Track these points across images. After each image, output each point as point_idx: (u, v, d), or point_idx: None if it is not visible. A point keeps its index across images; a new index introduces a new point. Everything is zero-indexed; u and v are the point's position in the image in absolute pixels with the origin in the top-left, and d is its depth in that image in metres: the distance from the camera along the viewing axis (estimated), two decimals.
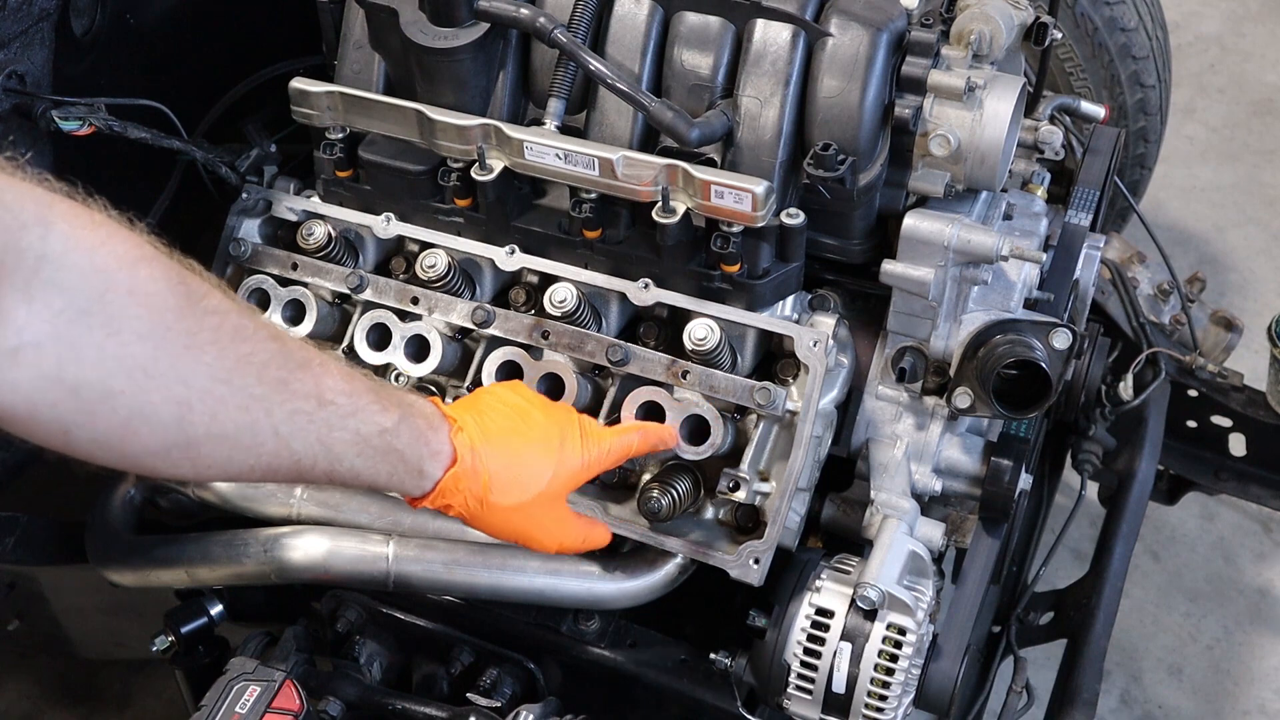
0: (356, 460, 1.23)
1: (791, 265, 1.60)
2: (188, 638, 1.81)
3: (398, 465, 1.27)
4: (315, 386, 1.18)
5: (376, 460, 1.25)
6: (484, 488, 1.34)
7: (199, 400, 1.09)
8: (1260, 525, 3.07)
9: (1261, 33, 4.43)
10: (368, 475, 1.25)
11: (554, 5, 1.60)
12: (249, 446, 1.14)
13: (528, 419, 1.39)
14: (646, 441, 1.49)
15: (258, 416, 1.13)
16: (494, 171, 1.58)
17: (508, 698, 1.71)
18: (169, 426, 1.08)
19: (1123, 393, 2.16)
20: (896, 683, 1.50)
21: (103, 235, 1.04)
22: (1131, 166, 2.88)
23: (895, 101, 1.57)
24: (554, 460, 1.39)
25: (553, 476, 1.38)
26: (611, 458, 1.45)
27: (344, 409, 1.20)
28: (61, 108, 1.62)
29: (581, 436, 1.41)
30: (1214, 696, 2.78)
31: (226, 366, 1.10)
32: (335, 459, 1.21)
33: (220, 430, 1.11)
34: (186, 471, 1.14)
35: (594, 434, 1.43)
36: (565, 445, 1.40)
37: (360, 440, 1.22)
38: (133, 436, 1.08)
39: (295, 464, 1.19)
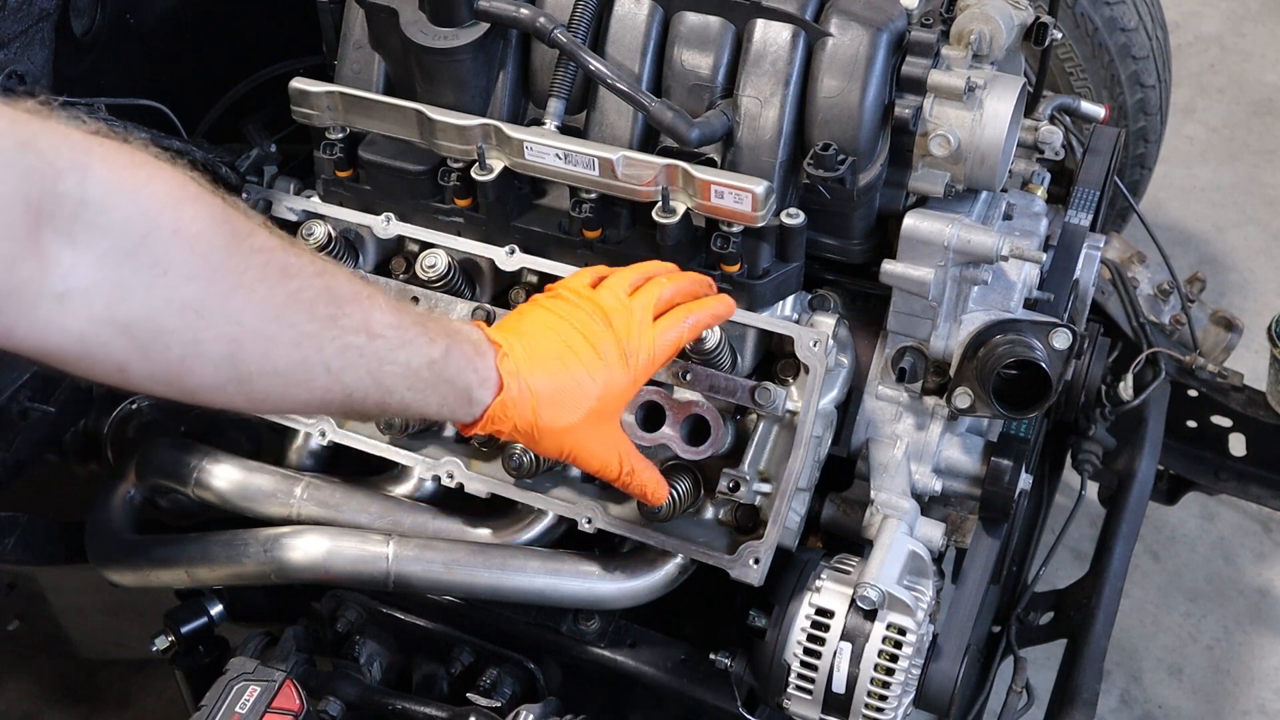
0: (407, 393, 1.23)
1: (791, 265, 1.60)
2: (188, 638, 1.81)
3: (447, 395, 1.27)
4: (364, 320, 1.18)
5: (427, 391, 1.25)
6: (533, 412, 1.32)
7: (250, 338, 1.10)
8: (1260, 525, 3.07)
9: (1261, 33, 4.43)
10: (417, 406, 1.25)
11: (554, 5, 1.60)
12: (302, 382, 1.15)
13: (572, 340, 1.37)
14: (697, 329, 1.46)
15: (309, 353, 1.14)
16: (494, 171, 1.58)
17: (508, 698, 1.71)
18: (222, 364, 1.09)
19: (1123, 393, 2.16)
20: (896, 683, 1.50)
21: (144, 176, 1.04)
22: (1131, 166, 2.88)
23: (895, 101, 1.57)
24: (602, 379, 1.36)
25: (601, 395, 1.36)
26: (661, 359, 1.42)
27: (393, 341, 1.20)
28: (61, 108, 1.62)
29: (624, 348, 1.38)
30: (1214, 696, 2.78)
31: (276, 304, 1.11)
32: (386, 391, 1.21)
33: (273, 367, 1.12)
34: (242, 405, 1.15)
35: (637, 346, 1.39)
36: (611, 363, 1.37)
37: (410, 373, 1.22)
38: (188, 373, 1.08)
39: (347, 398, 1.19)
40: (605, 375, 1.36)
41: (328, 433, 1.70)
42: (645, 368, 1.40)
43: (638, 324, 1.40)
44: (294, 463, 1.80)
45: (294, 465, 1.79)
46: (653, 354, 1.41)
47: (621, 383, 1.38)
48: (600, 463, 1.42)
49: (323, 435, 1.71)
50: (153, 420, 1.94)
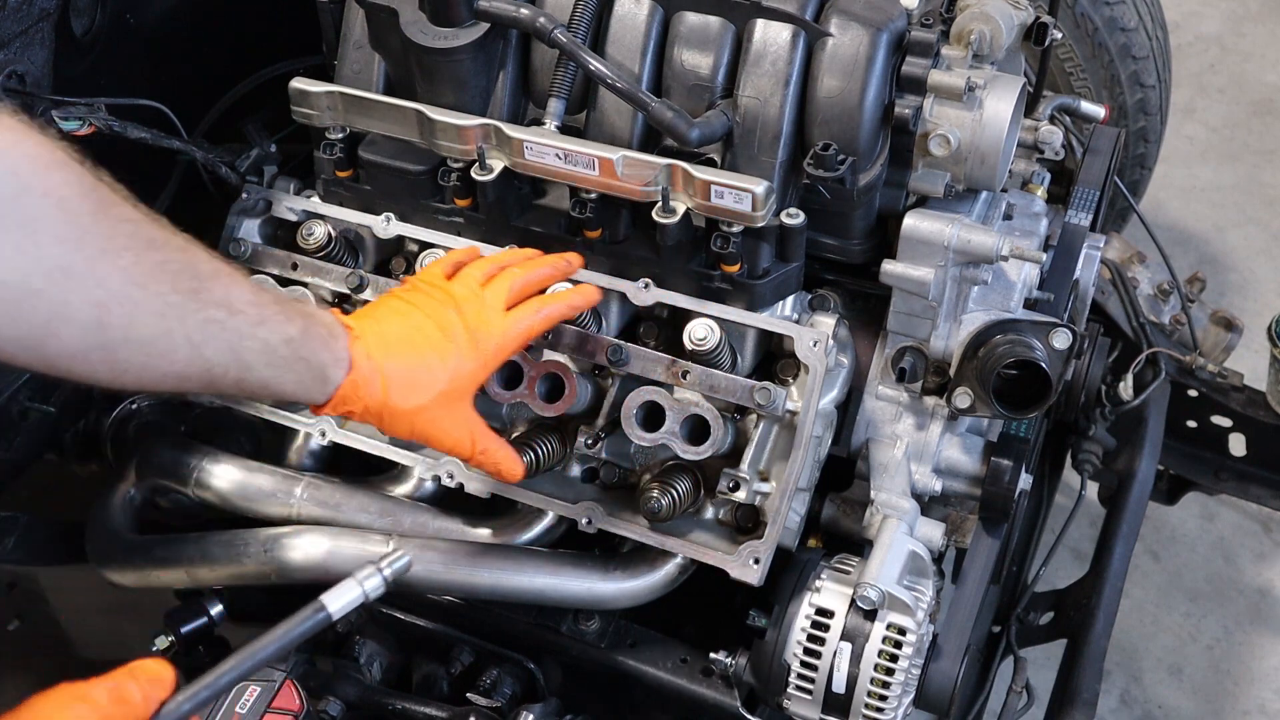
0: (265, 370, 1.26)
1: (791, 265, 1.60)
2: (188, 638, 1.81)
3: (304, 374, 1.31)
4: (225, 296, 1.22)
5: (284, 369, 1.28)
6: (383, 392, 1.36)
7: (116, 304, 1.12)
8: (1260, 525, 3.07)
9: (1261, 33, 4.43)
10: (275, 384, 1.29)
11: (554, 5, 1.60)
12: (164, 353, 1.17)
13: (423, 325, 1.41)
14: (550, 320, 1.50)
15: (172, 324, 1.16)
16: (494, 171, 1.58)
17: (508, 698, 1.71)
18: (88, 329, 1.11)
19: (1123, 393, 2.16)
20: (896, 683, 1.50)
21: (12, 139, 1.06)
22: (1131, 166, 2.88)
23: (895, 101, 1.57)
24: (451, 363, 1.41)
25: (450, 378, 1.40)
26: (511, 347, 1.46)
27: (252, 318, 1.24)
28: (61, 108, 1.62)
29: (473, 335, 1.42)
30: (1214, 696, 2.78)
31: (142, 272, 1.13)
32: (245, 367, 1.24)
33: (137, 335, 1.14)
34: (104, 375, 1.16)
35: (486, 333, 1.44)
36: (461, 348, 1.42)
37: (269, 349, 1.26)
38: (53, 338, 1.10)
39: (207, 372, 1.22)
40: (455, 359, 1.40)
41: (328, 433, 1.70)
42: (495, 353, 1.44)
43: (488, 312, 1.44)
44: (294, 463, 1.80)
45: (294, 465, 1.79)
46: (502, 341, 1.44)
47: (470, 367, 1.42)
48: (452, 441, 1.45)
49: (323, 435, 1.71)
50: (153, 420, 1.94)
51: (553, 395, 1.58)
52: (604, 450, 1.59)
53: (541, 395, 1.58)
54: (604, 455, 1.60)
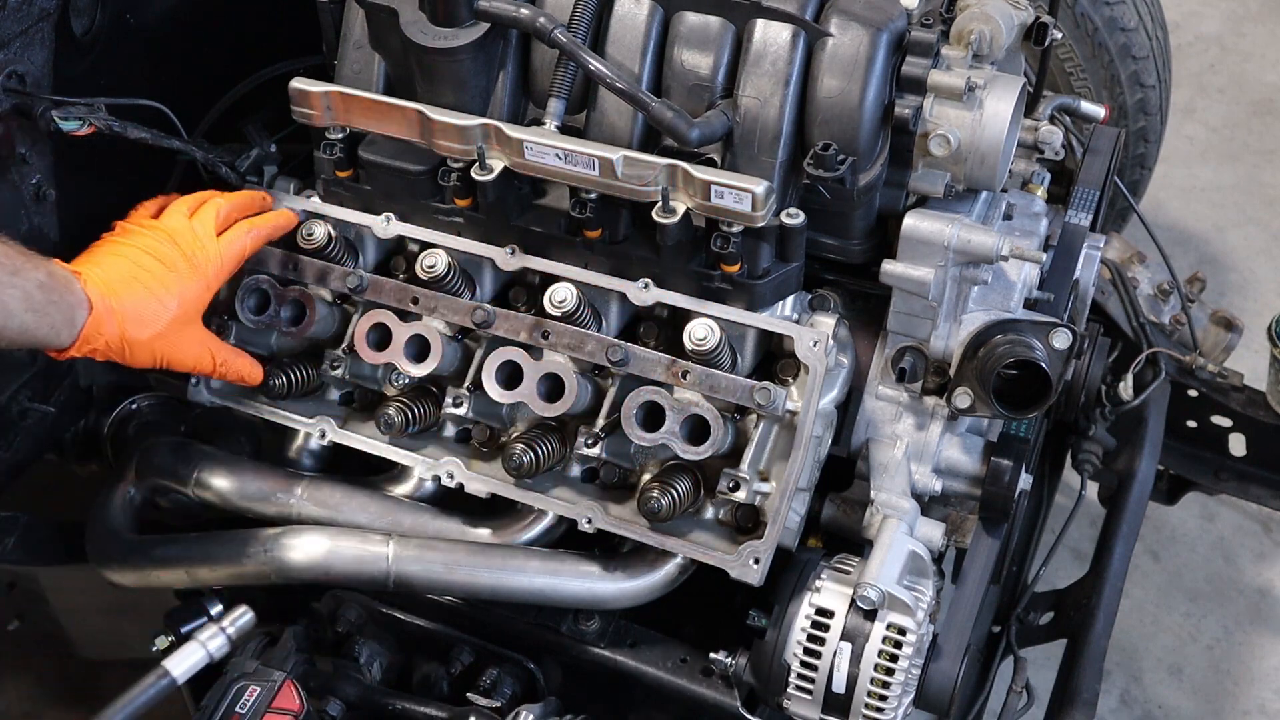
0: (26, 316, 1.36)
1: (791, 265, 1.60)
2: (188, 638, 1.81)
3: (56, 319, 1.41)
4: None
5: (40, 314, 1.38)
6: (120, 327, 1.48)
7: None
8: (1260, 525, 3.07)
9: (1261, 33, 4.43)
10: (33, 329, 1.38)
11: (554, 5, 1.60)
12: None
13: (144, 261, 1.52)
14: (259, 239, 1.64)
15: None
16: (494, 171, 1.58)
17: (508, 698, 1.71)
18: None
19: (1123, 393, 2.16)
20: (896, 683, 1.50)
21: None
22: (1131, 166, 2.88)
23: (895, 101, 1.57)
24: (176, 291, 1.53)
25: (179, 304, 1.53)
26: (229, 266, 1.60)
27: (8, 268, 1.35)
28: (61, 108, 1.62)
29: (191, 260, 1.55)
30: (1214, 696, 2.78)
31: None
32: (8, 314, 1.34)
33: None
34: None
35: (204, 257, 1.56)
36: (183, 275, 1.54)
37: (26, 296, 1.36)
38: None
39: None
40: (179, 287, 1.53)
41: (328, 433, 1.71)
42: (216, 274, 1.58)
43: (201, 239, 1.58)
44: (294, 463, 1.80)
45: (294, 465, 1.79)
46: (220, 262, 1.58)
47: (195, 290, 1.56)
48: (193, 360, 1.59)
49: (323, 435, 1.71)
50: (153, 420, 1.94)
51: (553, 395, 1.58)
52: (604, 450, 1.59)
53: (541, 395, 1.58)
54: (604, 455, 1.60)
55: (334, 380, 1.73)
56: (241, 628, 1.50)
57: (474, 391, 1.63)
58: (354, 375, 1.72)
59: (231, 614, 1.47)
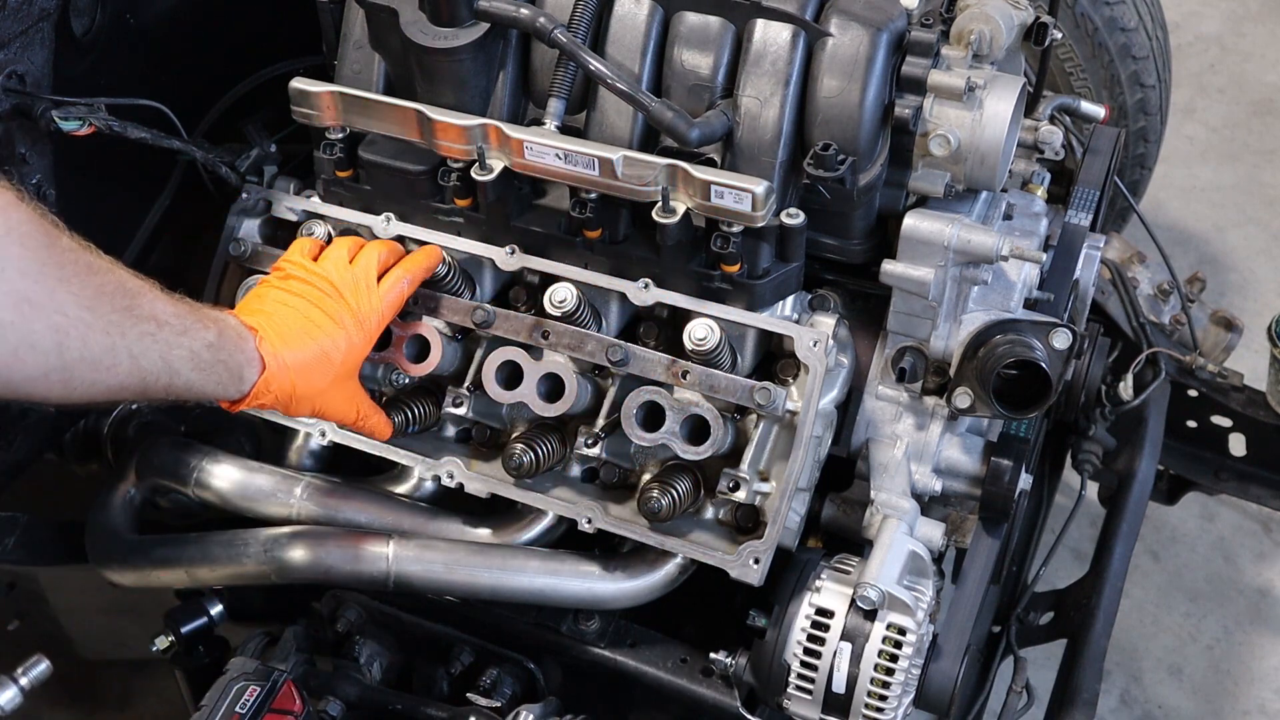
0: (191, 374, 1.37)
1: (791, 265, 1.60)
2: (188, 638, 1.81)
3: (224, 375, 1.42)
4: (153, 310, 1.32)
5: (207, 372, 1.39)
6: (291, 384, 1.48)
7: (73, 327, 1.22)
8: (1260, 525, 3.07)
9: (1261, 33, 4.43)
10: (199, 386, 1.39)
11: (554, 5, 1.60)
12: (109, 367, 1.27)
13: (313, 315, 1.52)
14: (415, 284, 1.62)
15: (115, 340, 1.27)
16: (494, 171, 1.58)
17: (508, 698, 1.71)
18: (49, 353, 1.21)
19: (1123, 393, 2.16)
20: (896, 683, 1.50)
21: None
22: (1131, 166, 2.88)
23: (895, 101, 1.57)
24: (344, 346, 1.53)
25: (344, 360, 1.53)
26: (389, 316, 1.59)
27: (177, 328, 1.35)
28: (61, 108, 1.62)
29: (357, 316, 1.55)
30: (1214, 696, 2.78)
31: (89, 295, 1.24)
32: (174, 374, 1.35)
33: (90, 354, 1.25)
34: (58, 394, 1.25)
35: (368, 310, 1.56)
36: (350, 330, 1.54)
37: (194, 355, 1.36)
38: (19, 364, 1.19)
39: (141, 381, 1.32)
40: (346, 342, 1.53)
41: (328, 433, 1.70)
42: (377, 327, 1.57)
43: (365, 290, 1.57)
44: (294, 463, 1.80)
45: (294, 465, 1.79)
46: (381, 314, 1.57)
47: (360, 345, 1.55)
48: (342, 415, 1.59)
49: (323, 435, 1.71)
50: (153, 420, 1.94)
51: (553, 395, 1.58)
52: (604, 450, 1.59)
53: (541, 395, 1.58)
54: (604, 455, 1.60)
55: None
56: (35, 679, 1.52)
57: (474, 391, 1.63)
58: None
59: (27, 665, 1.49)
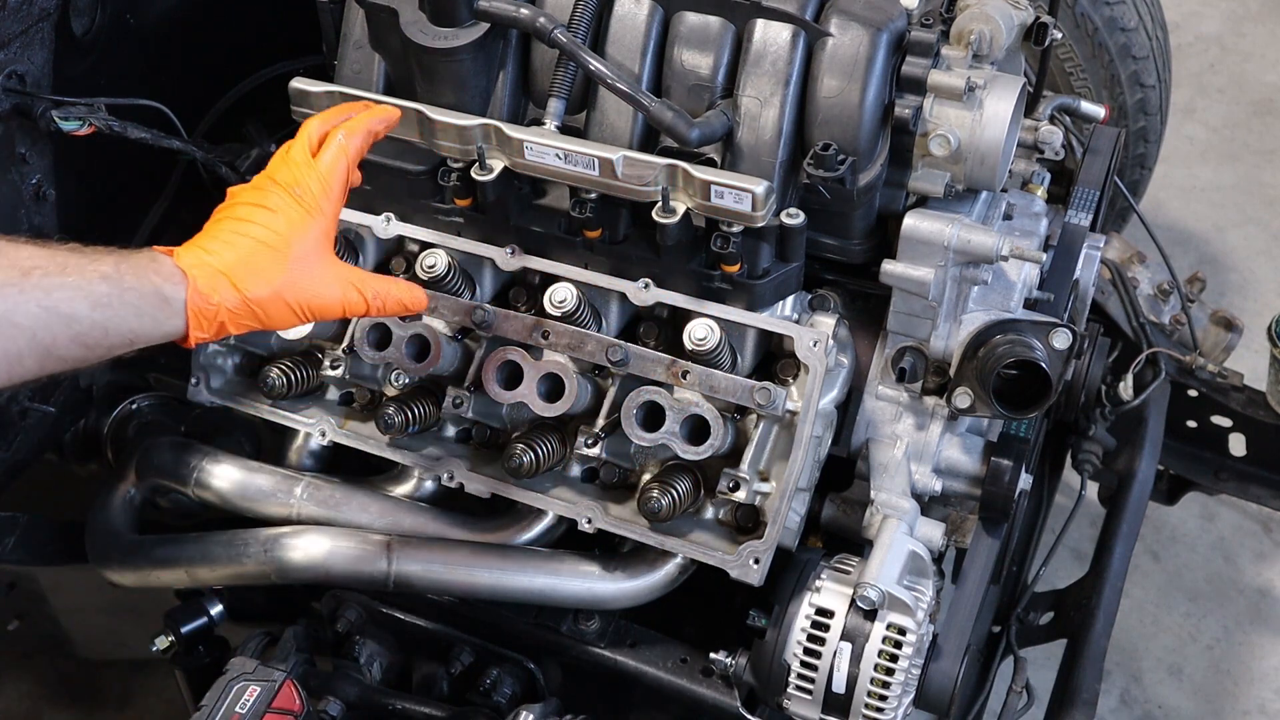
0: (95, 314, 1.21)
1: (791, 265, 1.60)
2: (188, 638, 1.81)
3: (140, 303, 1.24)
4: (11, 260, 1.18)
5: (115, 306, 1.22)
6: (234, 288, 1.30)
7: None
8: (1260, 525, 3.07)
9: (1261, 33, 4.43)
10: (117, 325, 1.23)
11: (554, 5, 1.60)
12: None
13: (237, 211, 1.36)
14: (358, 145, 1.44)
15: None
16: (494, 171, 1.58)
17: (508, 698, 1.71)
18: None
19: (1123, 393, 2.16)
20: (896, 683, 1.50)
21: None
22: (1131, 166, 2.88)
23: (895, 101, 1.57)
24: (284, 227, 1.35)
25: (291, 239, 1.35)
26: (334, 188, 1.40)
27: (51, 269, 1.19)
28: (61, 108, 1.62)
29: (294, 193, 1.37)
30: (1214, 696, 2.78)
31: None
32: (71, 320, 1.19)
33: None
34: None
35: (304, 182, 1.38)
36: (288, 209, 1.36)
37: (86, 293, 1.20)
38: None
39: (34, 341, 1.18)
40: (285, 220, 1.35)
41: (328, 433, 1.70)
42: (325, 197, 1.39)
43: (299, 164, 1.39)
44: (294, 463, 1.80)
45: (294, 465, 1.79)
46: (325, 183, 1.39)
47: (304, 218, 1.37)
48: (339, 301, 1.39)
49: (323, 435, 1.71)
50: (153, 420, 1.95)
51: (553, 395, 1.58)
52: (604, 450, 1.59)
53: (541, 395, 1.58)
54: (604, 455, 1.60)
55: (334, 380, 1.73)
56: None
57: (474, 391, 1.63)
58: (354, 375, 1.72)
59: None
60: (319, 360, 1.71)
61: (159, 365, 2.01)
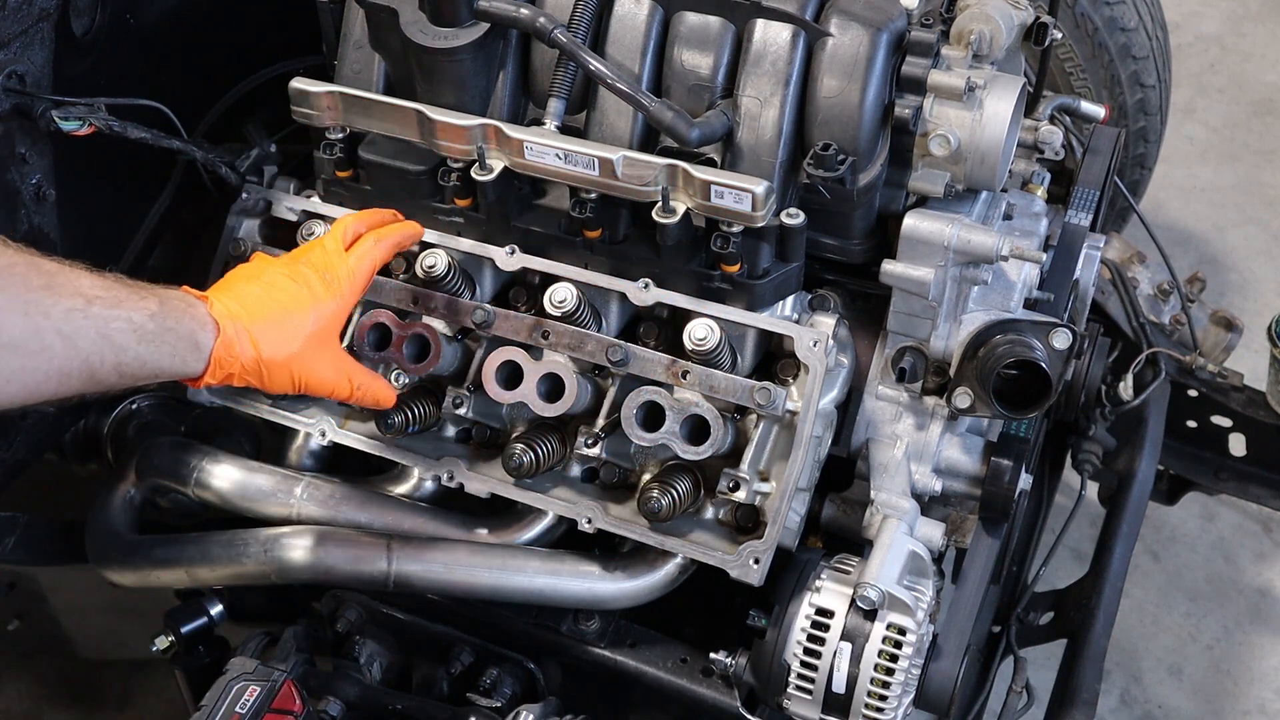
0: (140, 347, 1.31)
1: (791, 265, 1.60)
2: (188, 638, 1.81)
3: (176, 344, 1.35)
4: (75, 287, 1.27)
5: (156, 343, 1.32)
6: (254, 346, 1.41)
7: None
8: (1260, 525, 3.07)
9: (1261, 33, 4.43)
10: (153, 361, 1.33)
11: (554, 5, 1.60)
12: (37, 352, 1.22)
13: (275, 279, 1.48)
14: (388, 249, 1.57)
15: (38, 320, 1.22)
16: (494, 171, 1.58)
17: (508, 698, 1.71)
18: None
19: (1123, 393, 2.16)
20: (896, 683, 1.50)
21: None
22: (1131, 166, 2.88)
23: (895, 101, 1.57)
24: (310, 306, 1.47)
25: (314, 320, 1.47)
26: (362, 280, 1.53)
27: (108, 300, 1.29)
28: (61, 108, 1.62)
29: (324, 277, 1.49)
30: (1214, 696, 2.78)
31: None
32: (120, 350, 1.29)
33: (9, 338, 1.19)
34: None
35: (336, 272, 1.50)
36: (316, 291, 1.48)
37: (136, 327, 1.30)
38: None
39: (85, 364, 1.26)
40: (312, 302, 1.47)
41: (328, 433, 1.70)
42: (350, 289, 1.51)
43: (331, 255, 1.52)
44: (294, 463, 1.80)
45: (294, 465, 1.79)
46: (352, 276, 1.52)
47: (330, 306, 1.49)
48: (330, 385, 1.51)
49: (323, 435, 1.71)
50: (153, 420, 1.94)
51: (553, 395, 1.58)
52: (604, 450, 1.59)
53: (541, 395, 1.58)
54: (604, 455, 1.60)
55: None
56: None
57: (474, 391, 1.63)
58: None
59: None
60: None
61: None
